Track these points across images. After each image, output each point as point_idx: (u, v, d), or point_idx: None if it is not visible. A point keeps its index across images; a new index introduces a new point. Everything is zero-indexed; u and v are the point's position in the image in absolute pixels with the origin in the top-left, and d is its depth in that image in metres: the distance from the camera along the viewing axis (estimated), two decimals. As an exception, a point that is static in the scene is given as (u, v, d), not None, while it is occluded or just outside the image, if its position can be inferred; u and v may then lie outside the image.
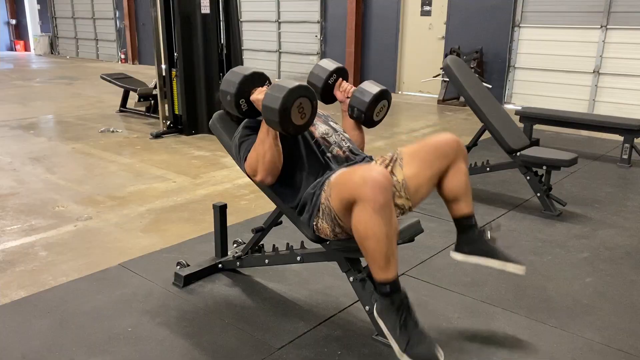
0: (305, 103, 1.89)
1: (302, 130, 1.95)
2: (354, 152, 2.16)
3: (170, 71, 5.78)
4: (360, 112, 2.32)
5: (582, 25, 7.22)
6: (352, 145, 2.20)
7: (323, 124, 2.22)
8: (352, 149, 2.16)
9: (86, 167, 4.61)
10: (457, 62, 3.94)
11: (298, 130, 1.93)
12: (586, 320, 2.28)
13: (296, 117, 1.88)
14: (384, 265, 1.74)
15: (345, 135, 2.24)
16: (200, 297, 2.43)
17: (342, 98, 2.38)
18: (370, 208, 1.67)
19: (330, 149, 2.12)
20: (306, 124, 1.93)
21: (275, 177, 2.03)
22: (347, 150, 2.14)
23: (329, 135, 2.17)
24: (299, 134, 1.99)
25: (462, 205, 2.12)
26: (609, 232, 3.26)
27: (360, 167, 1.82)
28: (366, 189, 1.67)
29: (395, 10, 9.06)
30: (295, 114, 1.87)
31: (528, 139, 4.29)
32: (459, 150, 2.08)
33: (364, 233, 1.71)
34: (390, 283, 1.76)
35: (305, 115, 1.90)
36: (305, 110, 1.89)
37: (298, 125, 1.90)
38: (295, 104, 1.86)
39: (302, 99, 1.88)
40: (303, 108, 1.88)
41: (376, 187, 1.66)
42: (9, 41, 18.70)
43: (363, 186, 1.68)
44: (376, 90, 2.31)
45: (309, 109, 1.91)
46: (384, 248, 1.71)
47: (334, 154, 2.11)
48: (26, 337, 2.12)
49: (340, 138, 2.19)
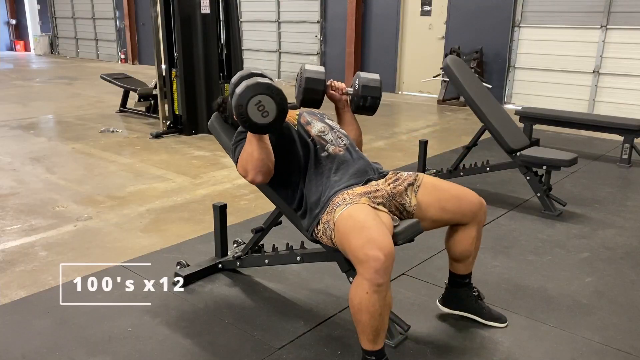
0: (265, 100, 1.81)
1: (270, 128, 1.87)
2: (351, 149, 2.13)
3: (170, 71, 5.78)
4: (374, 99, 2.31)
5: (582, 25, 7.22)
6: (350, 141, 2.17)
7: (319, 121, 2.20)
8: (348, 146, 2.14)
9: (86, 167, 4.61)
10: (457, 62, 3.94)
11: (266, 129, 1.87)
12: (586, 320, 2.28)
13: (256, 116, 1.82)
14: (373, 339, 1.75)
15: (342, 132, 2.22)
16: (200, 297, 2.43)
17: (339, 96, 2.35)
18: (367, 286, 1.66)
19: (327, 147, 2.09)
20: (274, 122, 1.85)
21: (265, 175, 1.98)
22: (344, 148, 2.11)
23: (325, 133, 2.14)
24: (270, 132, 1.92)
25: (460, 266, 2.15)
26: (609, 232, 3.26)
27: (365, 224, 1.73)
28: (367, 268, 1.65)
29: (395, 10, 9.06)
30: (254, 112, 1.81)
31: (528, 139, 4.29)
32: (480, 215, 2.06)
33: (358, 307, 1.71)
34: (376, 353, 1.78)
35: (268, 113, 1.82)
36: (267, 109, 1.82)
37: (262, 125, 1.84)
38: (252, 102, 1.80)
39: (260, 96, 1.81)
40: (264, 106, 1.81)
41: (379, 269, 1.63)
42: (9, 41, 18.71)
43: (364, 263, 1.66)
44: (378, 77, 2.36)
45: (272, 107, 1.83)
46: (376, 323, 1.72)
47: (331, 152, 2.08)
48: (26, 337, 2.12)
49: (337, 135, 2.16)
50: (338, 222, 1.81)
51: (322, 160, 2.06)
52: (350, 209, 1.81)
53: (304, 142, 2.11)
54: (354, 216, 1.78)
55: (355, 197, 1.86)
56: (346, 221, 1.79)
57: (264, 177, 1.98)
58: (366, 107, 2.33)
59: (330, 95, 2.33)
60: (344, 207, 1.83)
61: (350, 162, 2.07)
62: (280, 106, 1.84)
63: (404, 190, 2.02)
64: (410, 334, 2.13)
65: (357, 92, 2.30)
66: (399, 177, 2.06)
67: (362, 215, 1.77)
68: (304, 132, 2.13)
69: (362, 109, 2.34)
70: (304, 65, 2.30)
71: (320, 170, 2.04)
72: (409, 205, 2.01)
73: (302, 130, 2.14)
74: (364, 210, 1.80)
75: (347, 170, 2.04)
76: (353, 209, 1.81)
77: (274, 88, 1.83)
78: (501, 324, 2.19)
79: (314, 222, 1.98)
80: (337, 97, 2.34)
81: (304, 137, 2.12)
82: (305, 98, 2.24)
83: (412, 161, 4.74)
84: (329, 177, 2.02)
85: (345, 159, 2.07)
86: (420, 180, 2.06)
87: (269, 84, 1.83)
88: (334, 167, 2.04)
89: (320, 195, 1.99)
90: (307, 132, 2.13)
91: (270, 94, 1.82)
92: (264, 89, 1.81)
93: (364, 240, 1.68)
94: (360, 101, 2.31)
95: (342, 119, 2.39)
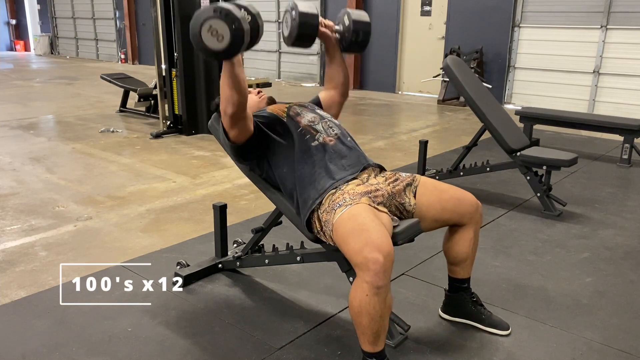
0: (217, 24, 1.77)
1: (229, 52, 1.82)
2: (342, 138, 2.11)
3: (170, 71, 5.79)
4: (366, 33, 2.28)
5: (582, 25, 7.23)
6: (341, 131, 2.16)
7: (309, 112, 2.19)
8: (340, 136, 2.12)
9: (86, 167, 4.61)
10: (457, 62, 3.94)
11: (226, 54, 1.83)
12: (586, 320, 2.28)
13: (211, 42, 1.78)
14: (373, 340, 1.75)
15: (334, 122, 2.20)
16: (200, 297, 2.43)
17: (330, 34, 2.32)
18: (366, 289, 1.65)
19: (317, 136, 2.07)
20: (231, 46, 1.80)
21: (236, 107, 1.95)
22: (335, 137, 2.09)
23: (316, 123, 2.12)
24: (231, 56, 1.86)
25: (458, 269, 2.15)
26: (609, 232, 3.26)
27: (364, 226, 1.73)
28: (366, 271, 1.64)
29: (395, 10, 9.07)
30: (208, 38, 1.78)
31: (528, 139, 4.29)
32: (477, 216, 2.06)
33: (358, 310, 1.70)
34: (377, 354, 1.77)
35: (223, 37, 1.78)
36: (220, 32, 1.77)
37: (220, 50, 1.80)
38: (204, 29, 1.77)
39: (211, 20, 1.76)
40: (216, 30, 1.77)
41: (378, 271, 1.63)
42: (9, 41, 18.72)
43: (363, 266, 1.65)
44: (365, 13, 2.32)
45: (224, 30, 1.77)
46: (376, 326, 1.71)
47: (322, 141, 2.06)
48: (26, 337, 2.12)
49: (328, 125, 2.14)
50: (337, 224, 1.81)
51: (312, 150, 2.04)
52: (350, 211, 1.80)
53: (293, 132, 2.08)
54: (353, 218, 1.78)
55: (355, 197, 1.86)
56: (345, 223, 1.78)
57: (234, 109, 1.95)
58: (358, 42, 2.29)
59: (321, 33, 2.29)
60: (343, 208, 1.82)
61: (342, 151, 2.06)
62: (233, 28, 1.78)
63: (402, 190, 2.01)
64: (410, 333, 2.13)
65: (349, 28, 2.26)
66: (397, 177, 2.06)
67: (361, 217, 1.77)
68: (294, 123, 2.11)
69: (354, 45, 2.30)
70: (293, 2, 2.21)
71: (312, 160, 2.02)
72: (408, 205, 2.01)
73: (290, 122, 2.12)
74: (364, 211, 1.79)
75: (340, 160, 2.03)
76: (352, 211, 1.80)
77: (222, 9, 1.77)
78: (502, 332, 2.16)
79: (309, 214, 1.97)
80: (328, 34, 2.31)
81: (293, 127, 2.10)
82: (300, 34, 2.17)
83: (412, 161, 4.74)
84: (321, 166, 2.00)
85: (337, 149, 2.06)
86: (417, 181, 2.06)
87: (216, 7, 1.77)
88: (326, 156, 2.02)
89: (315, 184, 1.97)
90: (297, 123, 2.11)
91: (221, 16, 1.77)
92: (212, 12, 1.77)
93: (362, 243, 1.67)
94: (353, 36, 2.26)
95: (332, 58, 2.38)
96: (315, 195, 1.96)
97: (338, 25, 2.33)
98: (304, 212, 2.01)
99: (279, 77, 10.93)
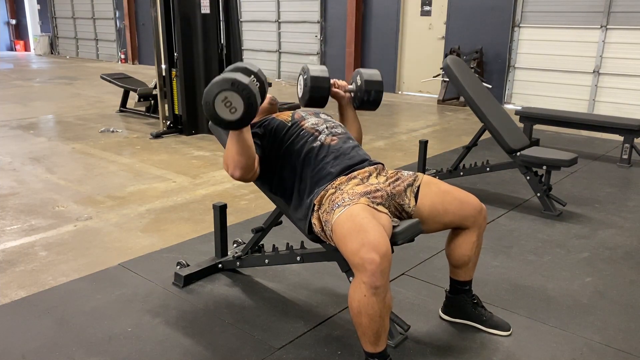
0: (232, 97, 1.80)
1: (240, 124, 1.85)
2: (345, 139, 2.13)
3: (170, 71, 5.78)
4: (378, 92, 2.35)
5: (582, 25, 7.23)
6: (343, 131, 2.17)
7: (313, 116, 2.20)
8: (342, 137, 2.13)
9: (86, 167, 4.61)
10: (457, 62, 3.94)
11: (236, 125, 1.85)
12: (586, 320, 2.28)
13: (224, 112, 1.81)
14: (374, 340, 1.74)
15: (337, 123, 2.22)
16: (200, 297, 2.43)
17: (343, 93, 2.40)
18: (365, 289, 1.65)
19: (320, 137, 2.08)
20: (242, 118, 1.83)
21: (244, 170, 1.97)
22: (338, 138, 2.11)
23: (319, 125, 2.14)
24: (241, 127, 1.88)
25: (460, 272, 2.14)
26: (609, 232, 3.26)
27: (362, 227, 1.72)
28: (364, 271, 1.64)
29: (395, 10, 9.06)
30: (221, 109, 1.80)
31: (528, 139, 4.30)
32: (480, 219, 2.06)
33: (357, 310, 1.70)
34: (379, 355, 1.77)
35: (236, 109, 1.81)
36: (234, 104, 1.80)
37: (231, 121, 1.83)
38: (218, 99, 1.79)
39: (226, 92, 1.79)
40: (230, 102, 1.80)
41: (375, 272, 1.62)
42: (9, 41, 18.71)
43: (361, 266, 1.64)
44: (378, 72, 2.41)
45: (239, 103, 1.80)
46: (376, 326, 1.71)
47: (324, 141, 2.07)
48: (26, 337, 2.12)
49: (331, 126, 2.16)
50: (335, 224, 1.81)
51: (314, 149, 2.05)
52: (348, 211, 1.80)
53: (296, 135, 2.10)
54: (351, 219, 1.77)
55: (354, 197, 1.85)
56: (343, 224, 1.78)
57: (242, 172, 1.98)
58: (370, 101, 2.38)
59: (334, 93, 2.38)
60: (342, 208, 1.82)
61: (344, 150, 2.07)
62: (247, 101, 1.81)
63: (403, 191, 2.01)
64: (411, 333, 2.13)
65: (361, 88, 2.35)
66: (399, 176, 2.06)
67: (359, 217, 1.76)
68: (297, 127, 2.13)
69: (366, 104, 2.38)
70: (306, 66, 2.32)
71: (314, 159, 2.03)
72: (407, 207, 2.00)
73: (294, 126, 2.13)
74: (362, 211, 1.78)
75: (341, 157, 2.04)
76: (350, 211, 1.79)
77: (239, 84, 1.80)
78: (504, 332, 2.16)
79: (309, 211, 1.98)
80: (341, 94, 2.39)
81: (296, 131, 2.11)
82: (312, 97, 2.26)
83: (412, 161, 4.75)
84: (323, 165, 2.01)
85: (338, 147, 2.07)
86: (419, 180, 2.05)
87: (234, 80, 1.80)
88: (328, 155, 2.03)
89: (316, 181, 1.99)
90: (300, 127, 2.13)
91: (236, 89, 1.80)
92: (228, 85, 1.79)
93: (359, 244, 1.67)
94: (365, 96, 2.35)
95: (346, 117, 2.43)
96: (317, 192, 1.97)
97: (351, 84, 2.42)
98: (304, 210, 2.01)
99: (279, 77, 10.94)
